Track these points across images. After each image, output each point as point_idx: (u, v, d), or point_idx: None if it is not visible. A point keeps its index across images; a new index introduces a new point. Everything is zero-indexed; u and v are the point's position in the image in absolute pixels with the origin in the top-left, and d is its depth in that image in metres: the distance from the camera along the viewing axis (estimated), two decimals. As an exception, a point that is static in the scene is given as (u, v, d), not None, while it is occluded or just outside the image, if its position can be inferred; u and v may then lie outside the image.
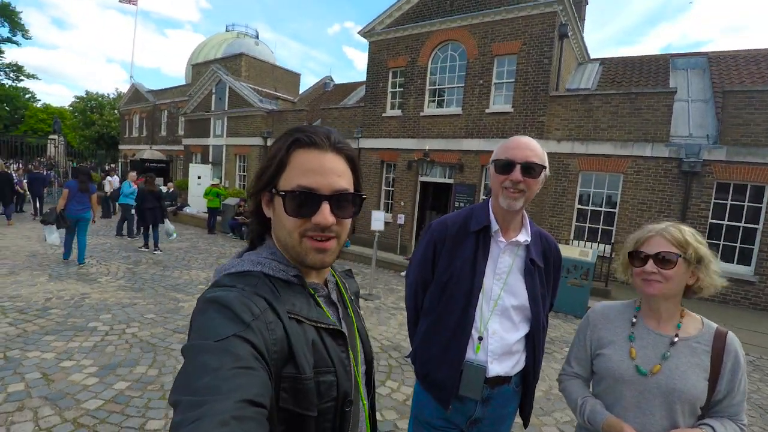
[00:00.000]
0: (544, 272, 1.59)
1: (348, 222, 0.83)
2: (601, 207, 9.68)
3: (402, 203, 12.58)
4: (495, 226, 1.52)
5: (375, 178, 13.33)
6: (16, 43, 15.20)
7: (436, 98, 12.15)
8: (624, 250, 1.41)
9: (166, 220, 9.68)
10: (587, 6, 13.46)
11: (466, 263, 1.52)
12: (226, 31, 30.00)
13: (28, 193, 12.98)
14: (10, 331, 4.11)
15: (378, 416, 3.23)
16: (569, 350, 1.59)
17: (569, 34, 10.46)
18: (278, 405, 0.68)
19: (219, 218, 13.60)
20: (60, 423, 2.74)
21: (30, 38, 15.90)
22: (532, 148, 1.45)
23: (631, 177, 9.06)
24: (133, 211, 10.19)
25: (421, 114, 12.18)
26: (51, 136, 19.06)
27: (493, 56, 10.80)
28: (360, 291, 1.12)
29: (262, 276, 0.77)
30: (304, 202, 0.76)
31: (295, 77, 26.16)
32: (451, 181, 11.76)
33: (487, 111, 10.92)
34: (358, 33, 13.61)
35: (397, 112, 12.78)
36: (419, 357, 1.62)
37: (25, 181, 13.26)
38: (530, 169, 1.42)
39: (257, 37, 29.68)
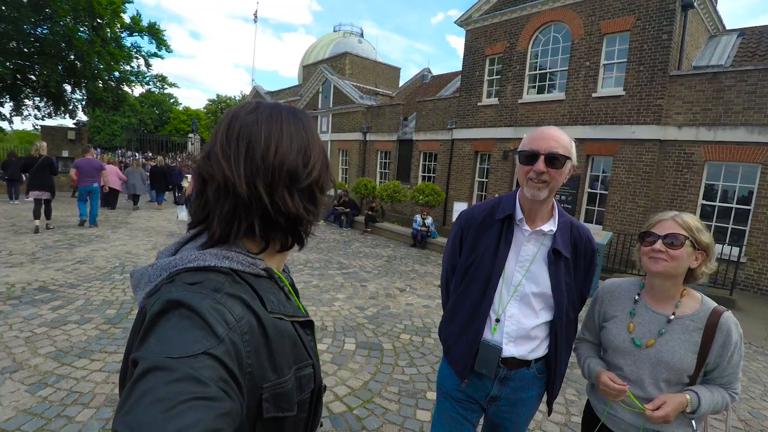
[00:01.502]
0: (572, 263, 1.59)
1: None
2: (732, 203, 8.32)
3: (497, 194, 12.23)
4: (519, 215, 1.57)
5: (468, 169, 13.16)
6: (161, 57, 17.97)
7: (537, 84, 11.53)
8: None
9: None
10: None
11: (488, 249, 1.60)
12: (334, 31, 31.86)
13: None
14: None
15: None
16: (583, 321, 1.77)
17: (695, 3, 9.09)
18: (263, 417, 0.65)
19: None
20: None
21: (171, 51, 18.98)
22: (557, 138, 1.47)
23: (772, 166, 7.63)
24: None
25: (519, 101, 11.67)
26: (189, 135, 22.43)
27: (602, 35, 9.87)
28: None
29: (231, 273, 0.66)
30: None
31: (395, 71, 26.80)
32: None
33: (594, 95, 10.05)
34: (455, 22, 13.48)
35: (494, 101, 12.43)
36: (443, 332, 1.76)
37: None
38: (554, 159, 1.44)
39: (362, 35, 30.97)
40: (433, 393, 3.37)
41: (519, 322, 1.56)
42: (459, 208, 6.92)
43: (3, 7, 13.34)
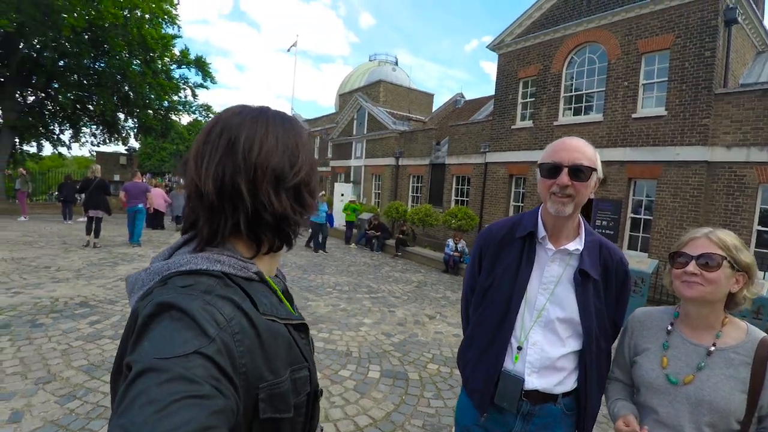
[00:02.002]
0: (602, 285, 1.45)
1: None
2: (793, 227, 7.66)
3: (532, 219, 11.88)
4: (542, 233, 1.45)
5: (502, 193, 12.91)
6: (206, 87, 19.09)
7: (573, 106, 11.28)
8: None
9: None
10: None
11: (508, 269, 1.48)
12: (369, 60, 32.78)
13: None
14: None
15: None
16: (614, 355, 1.53)
17: (739, 18, 8.71)
18: (259, 417, 0.64)
19: (355, 231, 14.81)
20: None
21: (216, 83, 20.12)
22: (581, 149, 1.36)
23: (838, 188, 7.00)
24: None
25: (555, 123, 11.43)
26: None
27: (640, 54, 9.59)
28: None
29: (222, 276, 0.67)
30: None
31: (428, 97, 27.11)
32: (591, 195, 10.66)
33: (633, 116, 9.69)
34: (487, 47, 13.55)
35: (528, 123, 12.24)
36: (461, 359, 1.63)
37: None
38: (578, 172, 1.33)
39: (396, 63, 31.69)
40: (459, 424, 3.19)
41: (543, 350, 1.42)
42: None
43: (67, 44, 14.66)
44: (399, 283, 8.53)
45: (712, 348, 1.24)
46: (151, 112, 18.02)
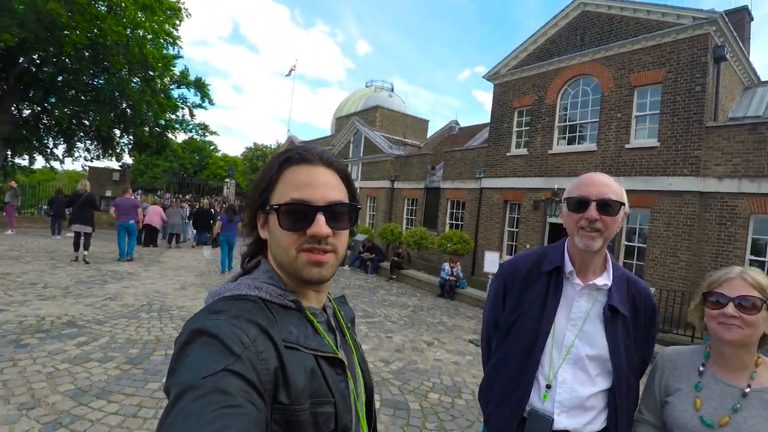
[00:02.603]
0: (631, 321, 1.42)
1: (344, 235, 0.81)
2: (785, 258, 7.75)
3: (528, 246, 11.90)
4: (569, 267, 1.43)
5: (497, 218, 12.96)
6: (204, 108, 19.21)
7: (567, 135, 11.50)
8: (699, 291, 1.31)
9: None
10: (752, 23, 11.47)
11: (534, 304, 1.45)
12: (366, 86, 33.34)
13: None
14: (173, 334, 5.08)
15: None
16: (641, 396, 1.47)
17: (728, 56, 9.04)
18: None
19: (349, 252, 14.68)
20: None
21: (214, 104, 20.47)
22: (608, 184, 1.36)
23: (828, 221, 7.13)
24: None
25: (550, 152, 11.61)
26: (226, 180, 23.31)
27: (633, 87, 9.87)
28: (355, 318, 1.08)
29: (258, 301, 0.73)
30: (299, 214, 0.75)
31: (423, 123, 27.51)
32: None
33: (627, 146, 9.89)
34: (483, 77, 13.86)
35: (523, 151, 12.42)
36: (483, 396, 1.57)
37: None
38: (607, 206, 1.32)
39: (392, 89, 32.25)
40: (464, 458, 3.06)
41: (573, 389, 1.37)
42: (491, 258, 6.71)
43: (67, 60, 14.70)
44: (395, 307, 8.41)
45: (747, 389, 1.21)
46: (147, 129, 17.99)
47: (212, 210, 15.34)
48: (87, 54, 14.95)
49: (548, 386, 1.39)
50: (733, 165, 8.33)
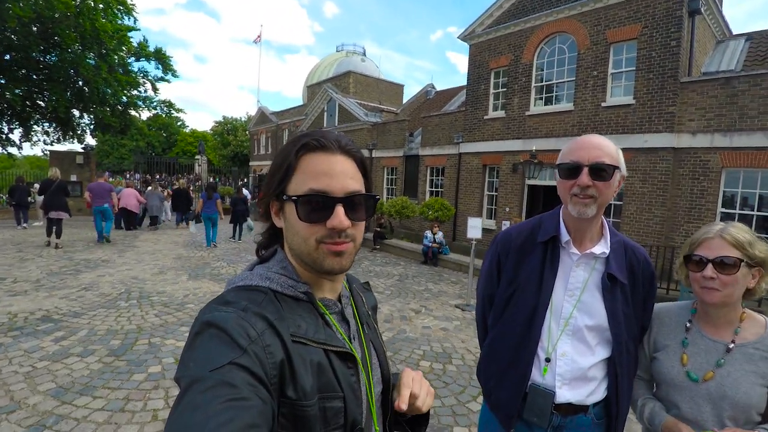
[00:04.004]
0: (630, 289, 1.38)
1: (362, 225, 0.79)
2: (754, 210, 8.03)
3: (507, 209, 12.02)
4: (565, 237, 1.37)
5: (476, 183, 12.98)
6: (167, 81, 18.19)
7: (544, 95, 11.41)
8: (681, 253, 1.33)
9: (249, 218, 12.30)
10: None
11: (531, 277, 1.40)
12: (337, 51, 32.26)
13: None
14: (155, 322, 4.96)
15: None
16: None
17: (702, 9, 8.99)
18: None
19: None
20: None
21: (178, 77, 19.35)
22: (601, 146, 1.28)
23: (795, 171, 7.37)
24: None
25: (527, 113, 11.54)
26: (197, 157, 22.54)
27: (609, 44, 9.77)
28: (377, 305, 1.05)
29: (269, 292, 0.73)
30: (318, 205, 0.73)
31: (398, 88, 26.95)
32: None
33: (603, 105, 9.89)
34: (458, 38, 13.49)
35: (500, 114, 12.31)
36: (483, 374, 1.55)
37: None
38: (600, 171, 1.25)
39: (364, 54, 31.33)
40: (461, 428, 3.12)
41: (573, 361, 1.35)
42: (474, 224, 6.70)
43: (13, 36, 13.55)
44: (380, 277, 8.43)
45: (731, 345, 1.26)
46: (108, 108, 16.97)
47: (187, 191, 14.98)
48: (35, 29, 13.79)
49: (547, 359, 1.37)
50: (706, 120, 8.44)
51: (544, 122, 11.16)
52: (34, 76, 15.53)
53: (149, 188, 14.73)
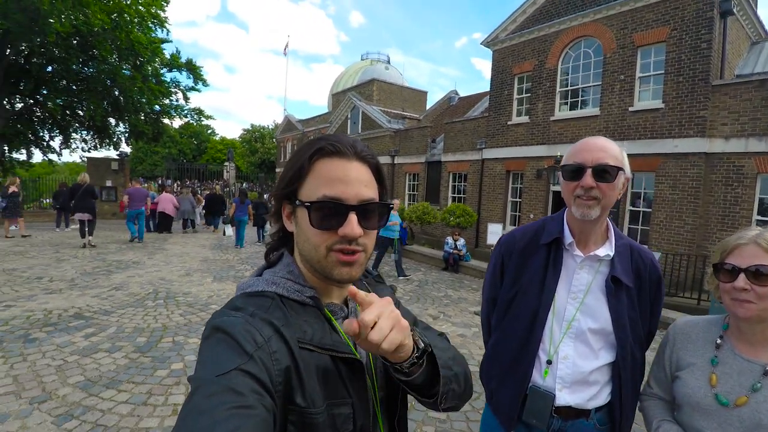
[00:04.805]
0: (636, 292, 1.36)
1: (374, 233, 0.78)
2: (793, 216, 7.65)
3: (531, 215, 11.83)
4: (569, 239, 1.37)
5: (500, 189, 12.85)
6: (198, 90, 18.86)
7: (569, 100, 11.23)
8: (711, 261, 1.20)
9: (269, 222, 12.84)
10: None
11: (533, 279, 1.40)
12: (361, 59, 32.67)
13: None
14: (180, 321, 5.13)
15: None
16: (650, 369, 1.40)
17: (735, 10, 8.68)
18: None
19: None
20: (204, 399, 3.31)
21: (208, 86, 19.96)
22: (605, 148, 1.27)
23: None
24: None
25: (552, 119, 11.38)
26: (225, 163, 23.22)
27: (636, 47, 9.55)
28: (397, 297, 0.96)
29: (276, 297, 0.74)
30: (331, 213, 0.72)
31: (422, 95, 27.02)
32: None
33: (630, 109, 9.66)
34: (481, 44, 13.47)
35: (524, 119, 12.18)
36: (484, 374, 1.55)
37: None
38: (603, 172, 1.23)
39: (388, 62, 31.60)
40: (472, 432, 3.09)
41: (575, 364, 1.33)
42: (494, 230, 6.65)
43: (55, 50, 14.38)
44: (400, 282, 8.43)
45: None
46: (142, 116, 17.75)
47: (222, 196, 16.01)
48: (74, 42, 14.61)
49: (549, 362, 1.36)
50: (740, 124, 8.11)
51: (569, 127, 10.97)
52: (74, 87, 16.42)
53: (181, 193, 15.57)
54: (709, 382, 1.17)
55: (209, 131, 51.62)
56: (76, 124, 17.99)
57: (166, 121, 19.67)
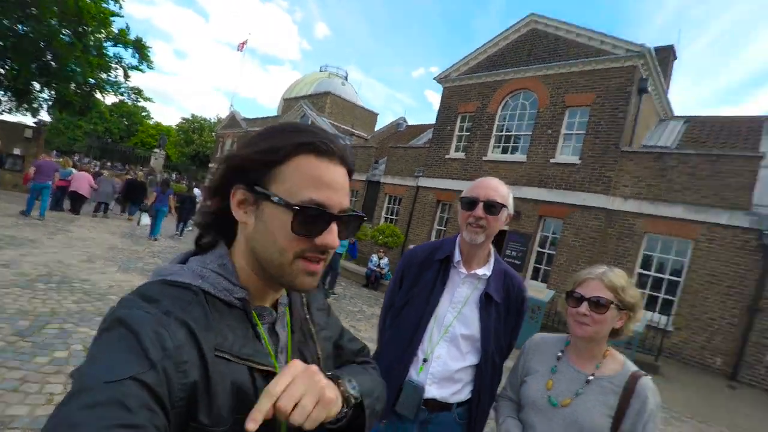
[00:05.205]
0: (504, 309, 1.63)
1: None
2: (665, 274, 8.83)
3: (455, 245, 12.43)
4: (457, 257, 1.62)
5: (429, 216, 13.43)
6: (141, 70, 17.78)
7: (501, 144, 12.15)
8: (565, 288, 1.50)
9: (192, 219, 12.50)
10: (675, 61, 12.77)
11: (423, 289, 1.63)
12: (320, 71, 32.69)
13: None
14: (72, 308, 4.78)
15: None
16: (509, 375, 1.65)
17: (650, 89, 10.05)
18: None
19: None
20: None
21: (153, 68, 18.74)
22: (496, 188, 1.55)
23: (702, 245, 8.24)
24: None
25: (484, 158, 12.21)
26: (155, 150, 21.91)
27: (566, 106, 10.65)
28: (325, 301, 0.97)
29: (200, 293, 0.64)
30: (313, 220, 0.65)
31: (373, 116, 27.59)
32: (506, 228, 11.48)
33: (552, 160, 10.67)
34: (434, 79, 14.21)
35: (461, 155, 12.94)
36: None
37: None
38: (491, 207, 1.51)
39: (346, 78, 31.92)
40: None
41: (445, 363, 1.57)
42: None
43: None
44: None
45: (591, 377, 1.38)
46: (73, 85, 16.34)
47: (144, 183, 14.72)
48: (13, -3, 13.28)
49: (425, 360, 1.57)
50: (638, 188, 9.29)
51: (499, 168, 11.82)
52: (1, 43, 14.83)
53: (104, 174, 14.32)
54: (545, 386, 1.43)
55: (144, 113, 48.34)
56: (-6, 83, 16.16)
57: (98, 95, 18.28)
